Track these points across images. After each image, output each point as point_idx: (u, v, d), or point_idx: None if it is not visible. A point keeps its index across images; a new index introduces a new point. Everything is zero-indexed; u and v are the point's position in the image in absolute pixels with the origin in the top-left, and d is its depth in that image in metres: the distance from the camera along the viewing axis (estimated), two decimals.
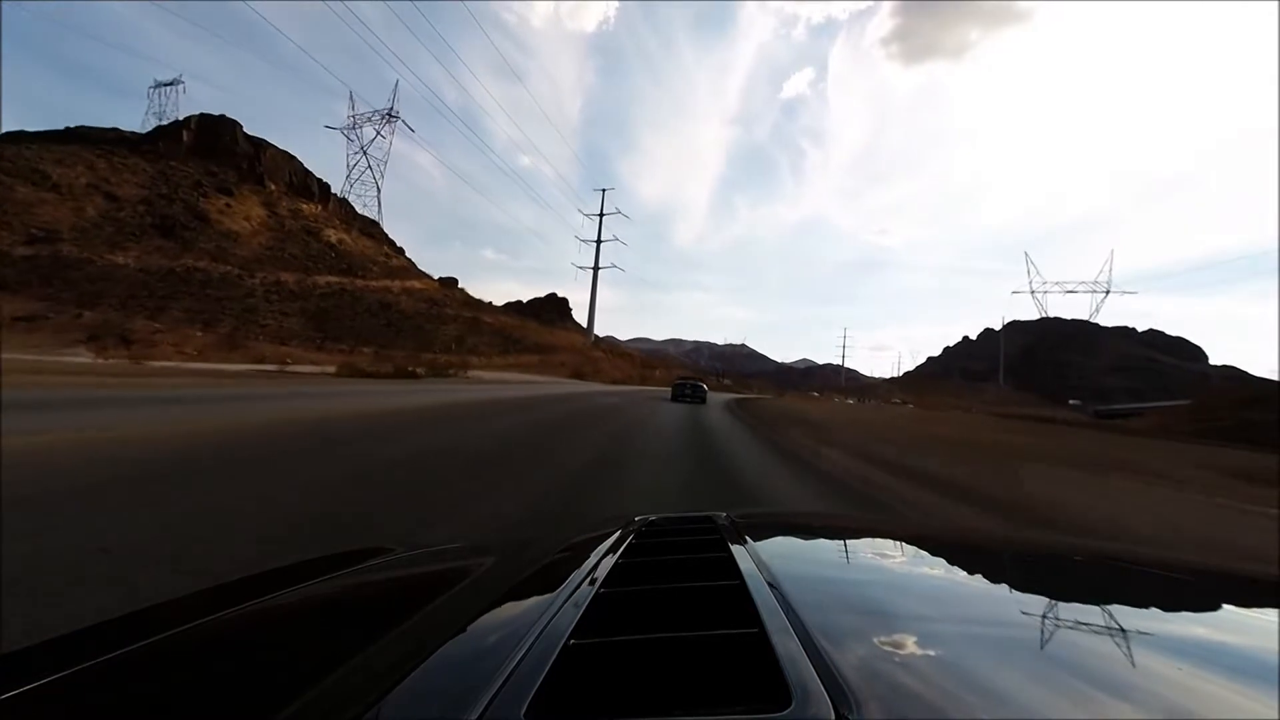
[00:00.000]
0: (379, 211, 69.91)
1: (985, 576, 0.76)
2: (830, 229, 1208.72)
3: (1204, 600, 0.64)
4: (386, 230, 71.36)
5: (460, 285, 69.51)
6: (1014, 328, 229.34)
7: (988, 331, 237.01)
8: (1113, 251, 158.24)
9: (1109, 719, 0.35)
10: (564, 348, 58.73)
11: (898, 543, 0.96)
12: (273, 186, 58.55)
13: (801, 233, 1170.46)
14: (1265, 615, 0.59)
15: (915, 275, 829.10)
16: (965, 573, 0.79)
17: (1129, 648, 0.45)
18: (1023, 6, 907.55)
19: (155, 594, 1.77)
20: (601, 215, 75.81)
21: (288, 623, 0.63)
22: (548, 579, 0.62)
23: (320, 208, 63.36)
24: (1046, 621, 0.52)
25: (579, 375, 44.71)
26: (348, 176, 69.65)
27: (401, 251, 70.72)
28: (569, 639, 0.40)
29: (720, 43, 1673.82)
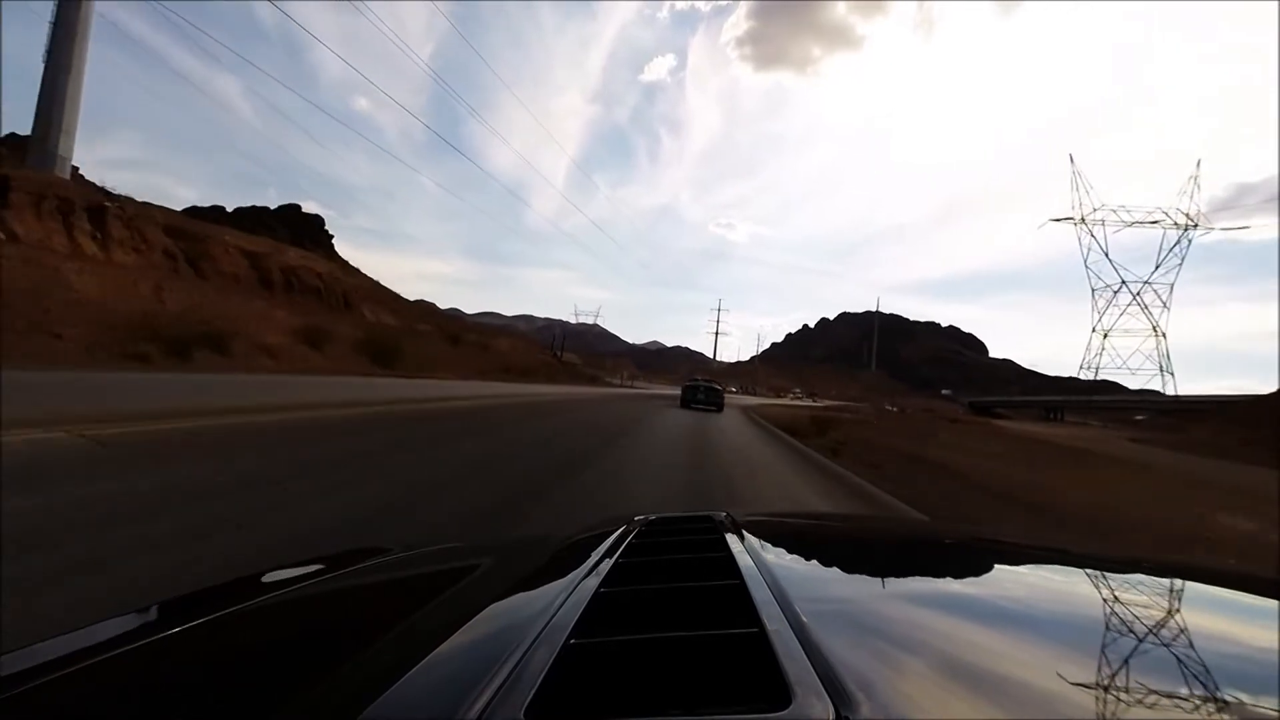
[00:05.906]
0: None
1: (988, 576, 0.76)
2: (681, 218, 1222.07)
3: (1218, 604, 0.63)
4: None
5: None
6: (844, 319, 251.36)
7: (824, 321, 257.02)
8: (1199, 162, 75.26)
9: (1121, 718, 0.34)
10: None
11: (898, 542, 0.97)
12: None
13: (655, 219, 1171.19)
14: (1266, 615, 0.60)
15: (755, 268, 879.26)
16: (966, 573, 0.78)
17: (1133, 646, 0.44)
18: (858, 34, 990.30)
19: None
20: None
21: (288, 623, 0.62)
22: (548, 579, 0.62)
23: None
24: (1053, 620, 0.51)
25: None
26: None
27: None
28: (569, 638, 0.39)
29: (583, 12, 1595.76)
